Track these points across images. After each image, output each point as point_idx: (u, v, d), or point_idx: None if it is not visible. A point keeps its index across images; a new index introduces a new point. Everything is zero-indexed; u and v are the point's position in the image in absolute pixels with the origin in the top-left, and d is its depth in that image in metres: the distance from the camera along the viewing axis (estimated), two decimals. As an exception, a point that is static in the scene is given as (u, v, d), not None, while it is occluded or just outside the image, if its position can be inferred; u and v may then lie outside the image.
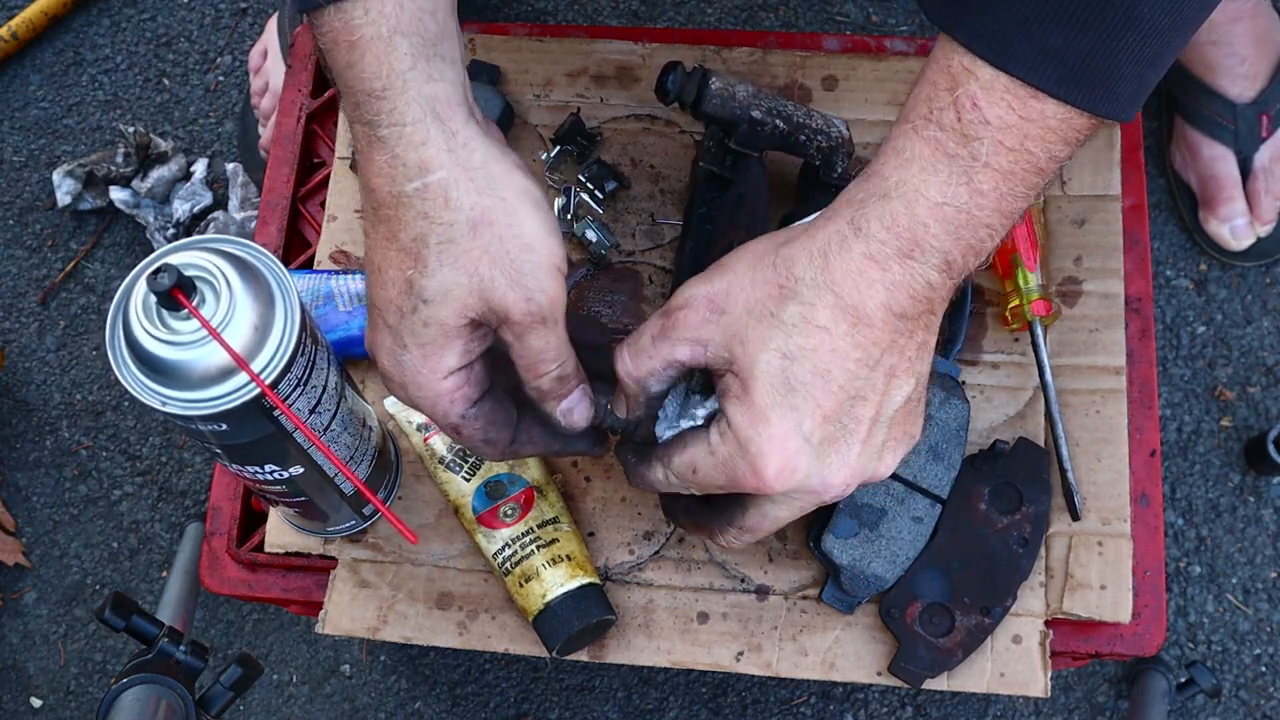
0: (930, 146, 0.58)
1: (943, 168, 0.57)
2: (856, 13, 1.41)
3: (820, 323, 0.59)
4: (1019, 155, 0.57)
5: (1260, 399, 1.26)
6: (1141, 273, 0.89)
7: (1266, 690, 1.19)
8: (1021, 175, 0.57)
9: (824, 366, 0.60)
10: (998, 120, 0.56)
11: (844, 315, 0.59)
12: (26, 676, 1.25)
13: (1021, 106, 0.56)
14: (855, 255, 0.59)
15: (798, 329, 0.60)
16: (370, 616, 0.83)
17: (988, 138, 0.56)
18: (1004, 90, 0.56)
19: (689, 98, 0.83)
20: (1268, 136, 1.24)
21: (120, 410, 1.32)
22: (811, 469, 0.61)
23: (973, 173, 0.57)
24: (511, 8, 1.41)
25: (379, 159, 0.61)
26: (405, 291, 0.62)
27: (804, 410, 0.60)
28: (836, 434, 0.61)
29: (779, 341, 0.60)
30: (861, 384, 0.60)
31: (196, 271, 0.61)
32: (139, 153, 1.35)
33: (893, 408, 0.62)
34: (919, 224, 0.58)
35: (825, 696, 1.20)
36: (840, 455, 0.61)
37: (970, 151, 0.57)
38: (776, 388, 0.60)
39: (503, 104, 0.92)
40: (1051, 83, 0.55)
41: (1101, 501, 0.83)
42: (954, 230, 0.58)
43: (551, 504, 0.82)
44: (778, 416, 0.60)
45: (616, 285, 0.90)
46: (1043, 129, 0.56)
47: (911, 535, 0.79)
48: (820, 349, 0.59)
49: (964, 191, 0.57)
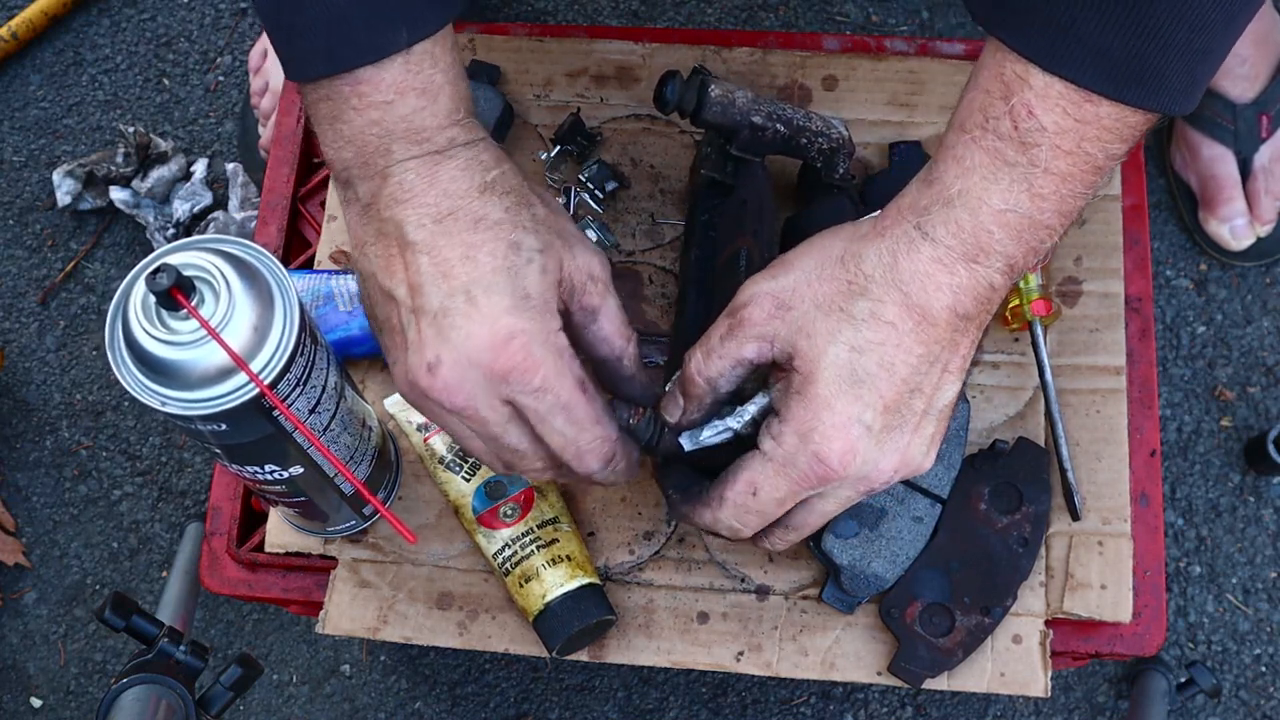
0: (990, 155, 0.59)
1: (1003, 175, 0.59)
2: (856, 13, 1.41)
3: (888, 318, 0.61)
4: (1077, 157, 0.58)
5: (1260, 399, 1.26)
6: (1141, 273, 0.89)
7: (1266, 690, 1.19)
8: (1080, 176, 0.59)
9: (889, 360, 0.61)
10: (1054, 126, 0.57)
11: (910, 313, 0.61)
12: (26, 676, 1.25)
13: (1077, 110, 0.57)
14: (923, 258, 0.61)
15: (866, 324, 0.61)
16: (370, 616, 0.83)
17: (1045, 144, 0.58)
18: (1058, 96, 0.57)
19: (689, 106, 0.83)
20: (1268, 137, 1.24)
21: (120, 410, 1.32)
22: (869, 454, 0.63)
23: (1032, 178, 0.58)
24: (511, 8, 1.41)
25: (454, 165, 0.65)
26: (512, 252, 0.64)
27: (867, 400, 0.62)
28: (894, 423, 0.63)
29: (848, 335, 0.62)
30: (921, 378, 0.62)
31: (196, 271, 0.61)
32: (139, 153, 1.35)
33: (942, 402, 0.64)
34: (984, 230, 0.60)
35: (825, 696, 1.20)
36: (894, 443, 0.63)
37: (1029, 158, 0.58)
38: (843, 378, 0.62)
39: (503, 104, 0.92)
40: (1102, 83, 0.56)
41: (1101, 501, 0.83)
42: (1017, 234, 0.60)
43: (551, 504, 0.82)
44: (842, 404, 0.62)
45: (616, 285, 0.90)
46: (1099, 130, 0.58)
47: (911, 535, 0.79)
48: (887, 343, 0.61)
49: (1025, 197, 0.59)
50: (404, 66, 0.63)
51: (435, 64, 0.64)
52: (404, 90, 0.63)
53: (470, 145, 0.65)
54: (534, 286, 0.64)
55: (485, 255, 0.63)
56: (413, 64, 0.63)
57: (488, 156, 0.66)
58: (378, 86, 0.63)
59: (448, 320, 0.63)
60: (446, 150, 0.65)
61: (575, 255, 0.67)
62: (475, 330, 0.62)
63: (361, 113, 0.64)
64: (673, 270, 0.91)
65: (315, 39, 0.62)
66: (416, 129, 0.64)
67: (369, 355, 0.87)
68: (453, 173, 0.64)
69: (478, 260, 0.63)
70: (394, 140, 0.64)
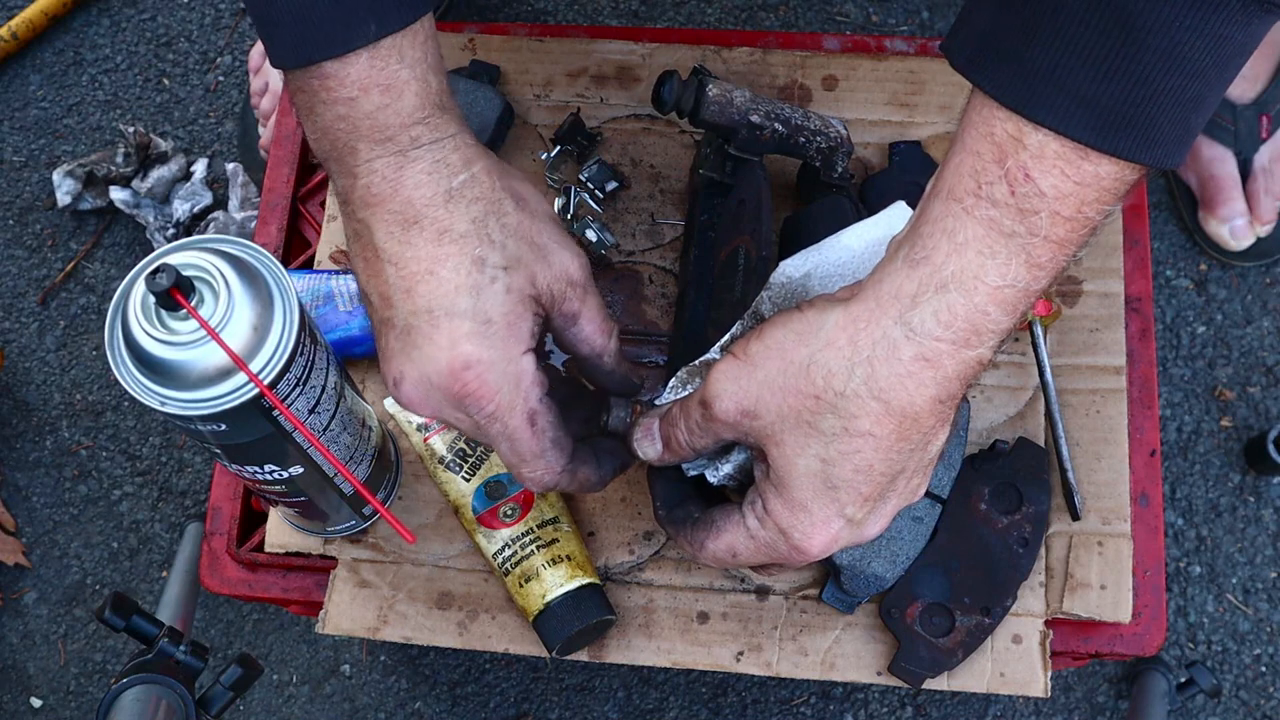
0: (985, 227, 0.55)
1: (1000, 248, 0.55)
2: (856, 13, 1.41)
3: (863, 430, 0.58)
4: (1076, 223, 0.54)
5: (1260, 399, 1.26)
6: (1141, 273, 0.89)
7: (1266, 690, 1.19)
8: (1077, 241, 0.55)
9: (866, 464, 0.59)
10: (1053, 190, 0.53)
11: (891, 418, 0.58)
12: (26, 676, 1.25)
13: (1075, 172, 0.53)
14: (905, 359, 0.57)
15: (837, 438, 0.59)
16: (370, 616, 0.83)
17: (1045, 210, 0.54)
18: (1055, 156, 0.53)
19: (686, 106, 0.83)
20: (1267, 137, 1.24)
21: (120, 410, 1.32)
22: (852, 538, 0.63)
23: (1031, 248, 0.54)
24: (511, 8, 1.41)
25: (417, 169, 0.63)
26: (476, 269, 0.62)
27: (845, 500, 0.61)
28: (878, 504, 0.62)
29: (817, 449, 0.59)
30: (905, 462, 0.60)
31: (195, 272, 0.61)
32: (139, 153, 1.35)
33: (930, 457, 0.62)
34: (978, 312, 0.56)
35: (825, 696, 1.20)
36: (880, 516, 0.63)
37: (1028, 227, 0.54)
38: (817, 486, 0.60)
39: (503, 104, 0.92)
40: (1092, 134, 0.52)
41: (1101, 501, 0.83)
42: (1012, 309, 0.56)
43: (551, 504, 0.82)
44: (818, 507, 0.61)
45: (616, 285, 0.90)
46: (1098, 191, 0.54)
47: (911, 535, 0.79)
48: (863, 450, 0.59)
49: (1023, 270, 0.55)
50: (369, 62, 0.61)
51: (401, 59, 0.62)
52: (367, 87, 0.62)
53: (436, 144, 0.63)
54: (496, 309, 0.63)
55: (449, 272, 0.62)
56: (378, 59, 0.61)
57: (456, 158, 0.63)
58: (342, 82, 0.62)
59: (410, 339, 0.63)
60: (410, 150, 0.63)
61: (550, 263, 0.65)
62: (435, 354, 0.63)
63: (330, 107, 0.62)
64: (673, 270, 0.91)
65: (286, 30, 0.62)
66: (381, 126, 0.62)
67: (369, 355, 0.87)
68: (418, 177, 0.63)
69: (441, 277, 0.62)
70: (359, 138, 0.63)
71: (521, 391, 0.64)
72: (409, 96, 0.62)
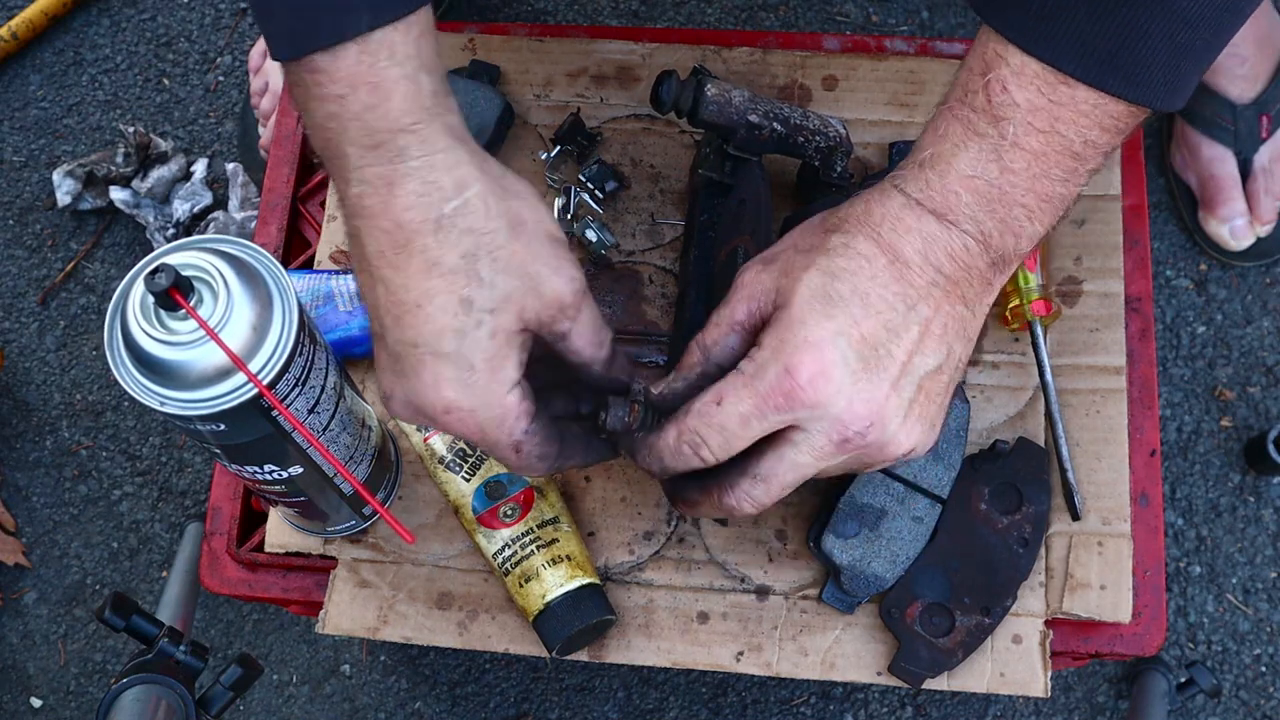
0: (962, 125, 0.61)
1: (973, 144, 0.60)
2: (856, 13, 1.41)
3: (861, 251, 0.62)
4: (1050, 137, 0.59)
5: (1260, 399, 1.26)
6: (1141, 273, 0.89)
7: (1266, 690, 1.19)
8: (1054, 157, 0.60)
9: (863, 289, 0.62)
10: (1027, 103, 0.59)
11: (882, 250, 0.62)
12: (26, 676, 1.25)
13: (1052, 91, 0.58)
14: (894, 205, 0.62)
15: (839, 253, 0.63)
16: (370, 616, 0.83)
17: (1017, 119, 0.59)
18: (1034, 75, 0.58)
19: (685, 106, 0.83)
20: (1267, 137, 1.24)
21: (120, 410, 1.32)
22: (843, 385, 0.62)
23: (1002, 150, 0.60)
24: (511, 8, 1.41)
25: (408, 191, 0.61)
26: (463, 311, 0.62)
27: (842, 322, 0.62)
28: (871, 360, 0.62)
29: (822, 262, 0.63)
30: (897, 320, 0.62)
31: (194, 272, 0.61)
32: (139, 153, 1.35)
33: (923, 368, 0.63)
34: (950, 192, 0.61)
35: (825, 696, 1.20)
36: (871, 386, 0.62)
37: (999, 131, 0.59)
38: (817, 297, 0.62)
39: (503, 104, 0.92)
40: (1079, 67, 0.57)
41: (1101, 501, 0.83)
42: (986, 203, 0.61)
43: (551, 504, 0.82)
44: (815, 321, 0.62)
45: (616, 285, 0.90)
46: (1074, 113, 0.59)
47: (911, 535, 0.79)
48: (860, 273, 0.62)
49: (994, 168, 0.60)
50: (358, 57, 0.59)
51: (392, 56, 0.60)
52: (356, 84, 0.60)
53: (425, 161, 0.61)
54: (480, 355, 0.62)
55: (436, 309, 0.61)
56: (367, 54, 0.59)
57: (447, 181, 0.61)
58: (332, 77, 0.60)
59: (398, 366, 0.64)
60: (399, 162, 0.61)
61: (542, 293, 0.64)
62: (420, 389, 0.64)
63: (321, 104, 0.61)
64: (673, 270, 0.91)
65: (280, 21, 0.60)
66: (370, 130, 0.60)
67: (369, 355, 0.87)
68: (407, 199, 0.61)
69: (428, 313, 0.62)
70: (349, 142, 0.61)
71: (505, 429, 0.65)
72: (397, 98, 0.60)
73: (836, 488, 0.80)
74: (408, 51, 0.61)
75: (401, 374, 0.64)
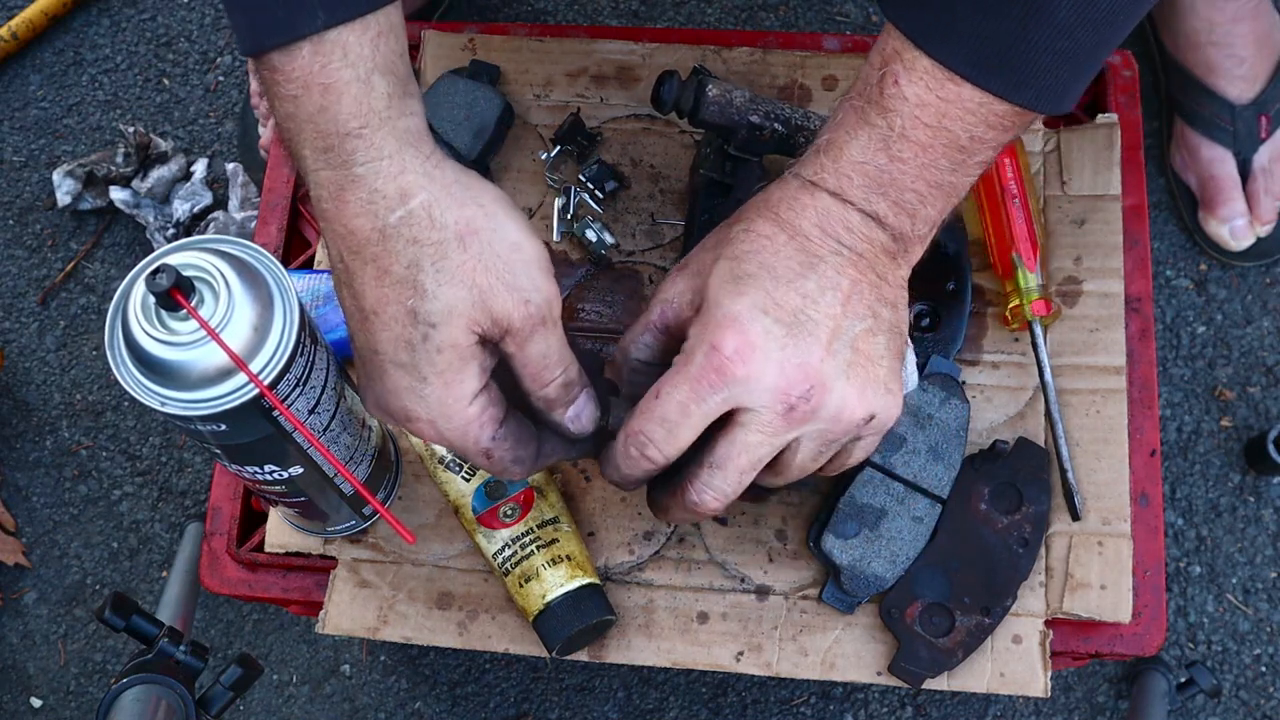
0: (855, 115, 0.63)
1: (863, 133, 0.63)
2: (856, 13, 1.41)
3: (761, 232, 0.64)
4: (937, 131, 0.62)
5: (1260, 399, 1.26)
6: (1141, 273, 0.89)
7: (1266, 690, 1.19)
8: (941, 149, 0.62)
9: (769, 263, 0.64)
10: (915, 98, 0.61)
11: (781, 228, 0.64)
12: (26, 676, 1.25)
13: (939, 88, 0.61)
14: (790, 187, 0.65)
15: (740, 239, 0.65)
16: (370, 616, 0.83)
17: (905, 111, 0.61)
18: (924, 72, 0.61)
19: (686, 106, 0.83)
20: (1267, 137, 1.24)
21: (120, 410, 1.32)
22: (770, 352, 0.62)
23: (890, 140, 0.62)
24: (511, 8, 1.41)
25: (356, 198, 0.60)
26: (410, 323, 0.61)
27: (755, 295, 0.63)
28: (794, 326, 0.63)
29: (727, 251, 0.65)
30: (810, 285, 0.63)
31: (195, 272, 0.61)
32: (139, 153, 1.35)
33: (850, 330, 0.64)
34: (842, 175, 0.63)
35: (825, 696, 1.20)
36: (801, 349, 0.62)
37: (888, 122, 0.62)
38: (727, 281, 0.64)
39: (503, 104, 0.92)
40: (965, 66, 0.60)
41: (1101, 501, 0.83)
42: (877, 186, 0.63)
43: (551, 504, 0.82)
44: (729, 299, 0.63)
45: (616, 285, 0.90)
46: (961, 110, 0.61)
47: (911, 535, 0.79)
48: (764, 250, 0.64)
49: (883, 156, 0.62)
50: (311, 56, 0.58)
51: (345, 57, 0.59)
52: (309, 84, 0.59)
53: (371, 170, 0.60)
54: (430, 368, 0.62)
55: (389, 319, 0.61)
56: (320, 54, 0.58)
57: (391, 189, 0.60)
58: (288, 76, 0.59)
59: (365, 368, 0.65)
60: (347, 168, 0.60)
61: (490, 308, 0.61)
62: (384, 394, 0.64)
63: (281, 103, 0.60)
64: (673, 270, 0.91)
65: (241, 15, 0.60)
66: (322, 134, 0.60)
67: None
68: (356, 206, 0.60)
69: (384, 321, 0.61)
70: (304, 143, 0.61)
71: (470, 437, 0.64)
72: (346, 101, 0.59)
73: (836, 488, 0.80)
74: (362, 53, 0.59)
75: (369, 377, 0.65)
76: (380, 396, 0.64)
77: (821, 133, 0.65)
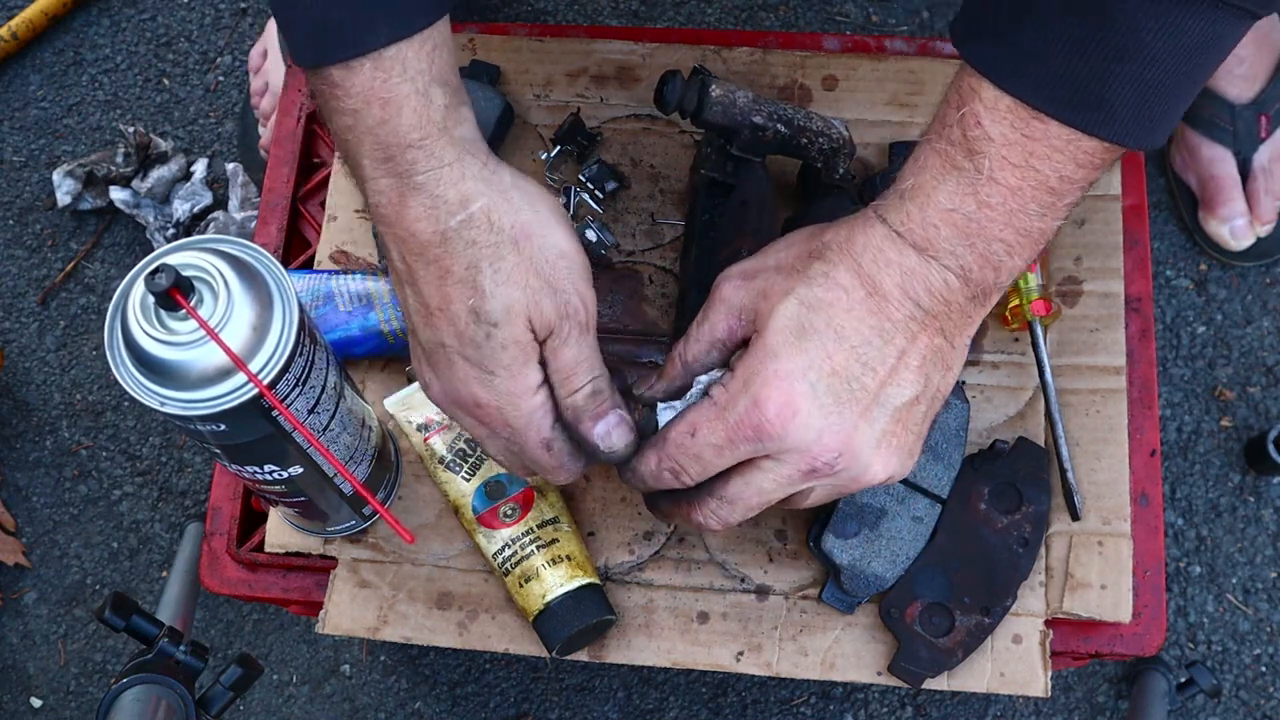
0: (940, 158, 0.61)
1: (950, 178, 0.60)
2: (856, 13, 1.41)
3: (840, 282, 0.62)
4: (1025, 172, 0.59)
5: (1260, 399, 1.26)
6: (1141, 273, 0.89)
7: (1266, 690, 1.19)
8: (1030, 192, 0.60)
9: (839, 321, 0.62)
10: (1000, 137, 0.59)
11: (861, 282, 0.62)
12: (26, 676, 1.25)
13: (1024, 126, 0.58)
14: (876, 234, 0.62)
15: (818, 283, 0.63)
16: (370, 616, 0.83)
17: (991, 153, 0.59)
18: (1006, 110, 0.58)
19: (689, 106, 0.82)
20: (1266, 137, 1.24)
21: (120, 410, 1.32)
22: (811, 418, 0.62)
23: (978, 185, 0.60)
24: (511, 8, 1.41)
25: (417, 204, 0.63)
26: (473, 321, 0.64)
27: (813, 355, 0.62)
28: (841, 394, 0.62)
29: (801, 291, 0.63)
30: (872, 353, 0.62)
31: (194, 272, 0.61)
32: (139, 153, 1.35)
33: (898, 399, 0.63)
34: (930, 225, 0.61)
35: (825, 696, 1.20)
36: (840, 418, 0.62)
37: (975, 165, 0.59)
38: (790, 329, 0.62)
39: (503, 104, 0.92)
40: (1048, 102, 0.58)
41: (1101, 501, 0.83)
42: (965, 237, 0.61)
43: (551, 504, 0.82)
44: (787, 355, 0.62)
45: (616, 285, 0.90)
46: (1048, 148, 0.59)
47: (911, 535, 0.79)
48: (837, 305, 0.62)
49: (971, 202, 0.60)
50: (372, 72, 0.61)
51: (404, 72, 0.61)
52: (369, 99, 0.62)
53: (432, 176, 0.63)
54: (495, 362, 0.65)
55: (453, 315, 0.64)
56: (381, 70, 0.61)
57: (452, 195, 0.63)
58: (348, 91, 0.62)
59: (431, 360, 0.67)
60: (409, 176, 0.63)
61: (541, 308, 0.65)
62: (453, 384, 0.67)
63: (339, 116, 0.63)
64: (673, 270, 0.91)
65: (300, 31, 0.62)
66: (382, 144, 0.63)
67: (369, 355, 0.87)
68: (417, 211, 0.63)
69: (450, 316, 0.64)
70: (364, 154, 0.63)
71: (534, 425, 0.67)
72: (407, 114, 0.62)
73: (836, 488, 0.80)
74: (420, 66, 0.62)
75: (436, 368, 0.67)
76: (449, 384, 0.67)
77: (903, 175, 0.63)
